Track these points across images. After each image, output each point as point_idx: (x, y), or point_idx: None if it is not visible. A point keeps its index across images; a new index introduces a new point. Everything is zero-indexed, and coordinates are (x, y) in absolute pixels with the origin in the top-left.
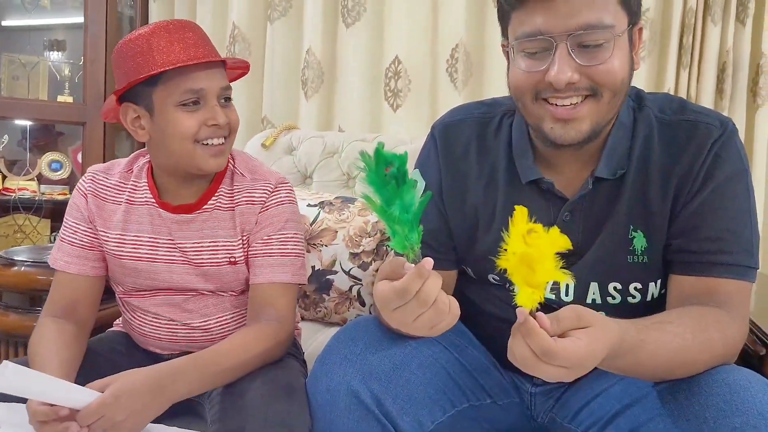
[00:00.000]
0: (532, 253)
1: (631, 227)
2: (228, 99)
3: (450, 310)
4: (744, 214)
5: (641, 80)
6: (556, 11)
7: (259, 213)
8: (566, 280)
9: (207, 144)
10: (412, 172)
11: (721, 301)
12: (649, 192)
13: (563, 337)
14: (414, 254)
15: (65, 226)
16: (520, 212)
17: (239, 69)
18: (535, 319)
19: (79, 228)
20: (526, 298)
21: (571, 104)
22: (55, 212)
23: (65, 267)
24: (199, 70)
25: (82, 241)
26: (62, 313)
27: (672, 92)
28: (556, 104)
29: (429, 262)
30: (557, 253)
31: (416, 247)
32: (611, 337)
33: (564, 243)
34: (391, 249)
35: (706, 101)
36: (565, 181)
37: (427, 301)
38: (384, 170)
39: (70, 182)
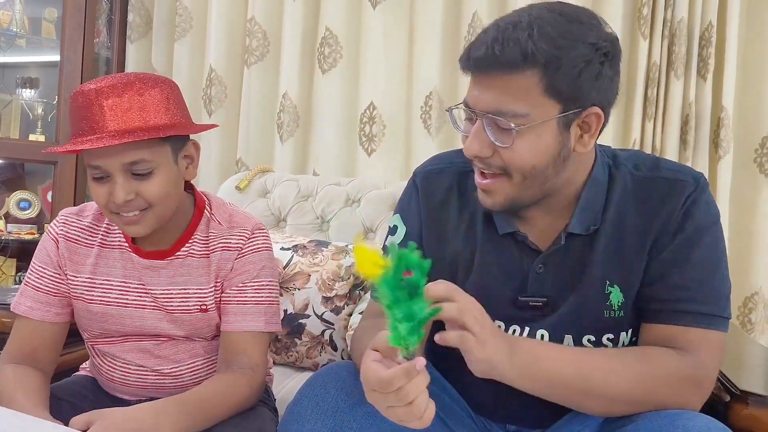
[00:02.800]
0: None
1: (607, 282)
2: (144, 173)
3: (423, 414)
4: (713, 264)
5: (608, 130)
6: (480, 89)
7: (236, 259)
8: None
9: (119, 214)
10: (393, 218)
11: (689, 348)
12: (625, 248)
13: None
14: (407, 352)
15: (31, 271)
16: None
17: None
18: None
19: (45, 273)
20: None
21: (487, 177)
22: (21, 252)
23: (27, 313)
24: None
25: (47, 286)
26: (22, 360)
27: (638, 142)
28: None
29: (421, 362)
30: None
31: (411, 348)
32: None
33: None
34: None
35: (671, 151)
36: (538, 233)
37: (405, 399)
38: (402, 273)
39: (38, 221)
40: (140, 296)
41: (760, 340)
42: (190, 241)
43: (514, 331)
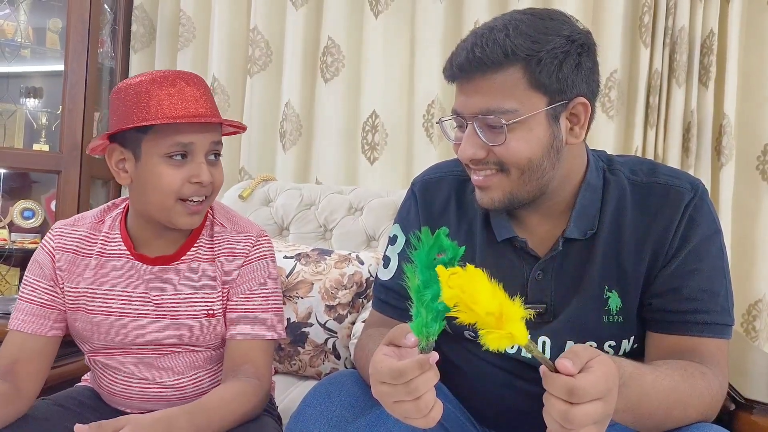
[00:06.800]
0: (458, 294)
1: (606, 287)
2: (217, 155)
3: (429, 413)
4: (719, 274)
5: (610, 138)
6: (466, 94)
7: (242, 266)
8: (518, 306)
9: (186, 201)
10: (393, 227)
11: (702, 358)
12: (623, 253)
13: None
14: (426, 343)
15: (24, 284)
16: (440, 270)
17: (234, 128)
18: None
19: (39, 286)
20: (494, 341)
21: (484, 175)
22: (25, 261)
23: (20, 326)
24: (192, 125)
25: (41, 298)
26: (2, 374)
27: (640, 150)
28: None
29: (434, 357)
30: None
31: (431, 338)
32: (613, 363)
33: (480, 276)
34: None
35: (673, 159)
36: (537, 240)
37: (414, 393)
38: (435, 254)
39: (42, 231)
40: (143, 305)
41: (765, 348)
42: (196, 245)
43: None
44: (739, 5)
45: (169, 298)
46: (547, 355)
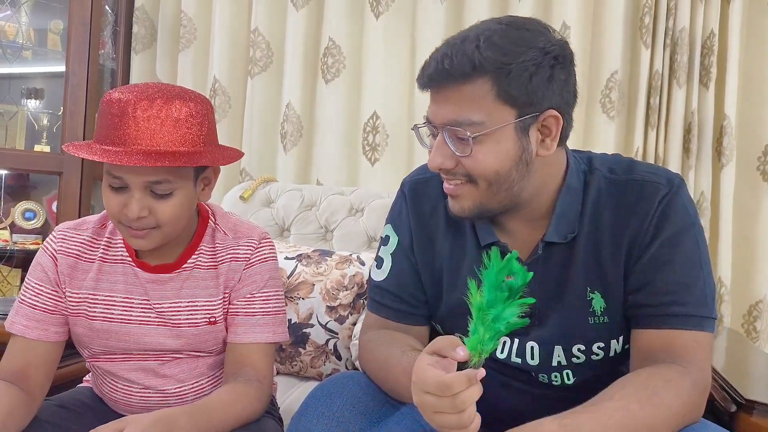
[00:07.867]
0: None
1: (588, 289)
2: (162, 194)
3: (470, 426)
4: (695, 266)
5: (611, 139)
6: (437, 103)
7: (243, 270)
8: None
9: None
10: (385, 228)
11: (678, 353)
12: (602, 253)
13: None
14: (479, 360)
15: (26, 288)
16: None
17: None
18: None
19: (43, 290)
20: None
21: (454, 184)
22: (27, 262)
23: (23, 332)
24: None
25: (45, 304)
26: (10, 377)
27: (640, 151)
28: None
29: (481, 373)
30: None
31: (484, 356)
32: None
33: None
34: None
35: (674, 160)
36: (519, 244)
37: (460, 407)
38: (505, 276)
39: (43, 232)
40: (144, 312)
41: (766, 349)
42: (196, 252)
43: (504, 343)
44: (740, 6)
45: (170, 306)
46: (536, 359)
